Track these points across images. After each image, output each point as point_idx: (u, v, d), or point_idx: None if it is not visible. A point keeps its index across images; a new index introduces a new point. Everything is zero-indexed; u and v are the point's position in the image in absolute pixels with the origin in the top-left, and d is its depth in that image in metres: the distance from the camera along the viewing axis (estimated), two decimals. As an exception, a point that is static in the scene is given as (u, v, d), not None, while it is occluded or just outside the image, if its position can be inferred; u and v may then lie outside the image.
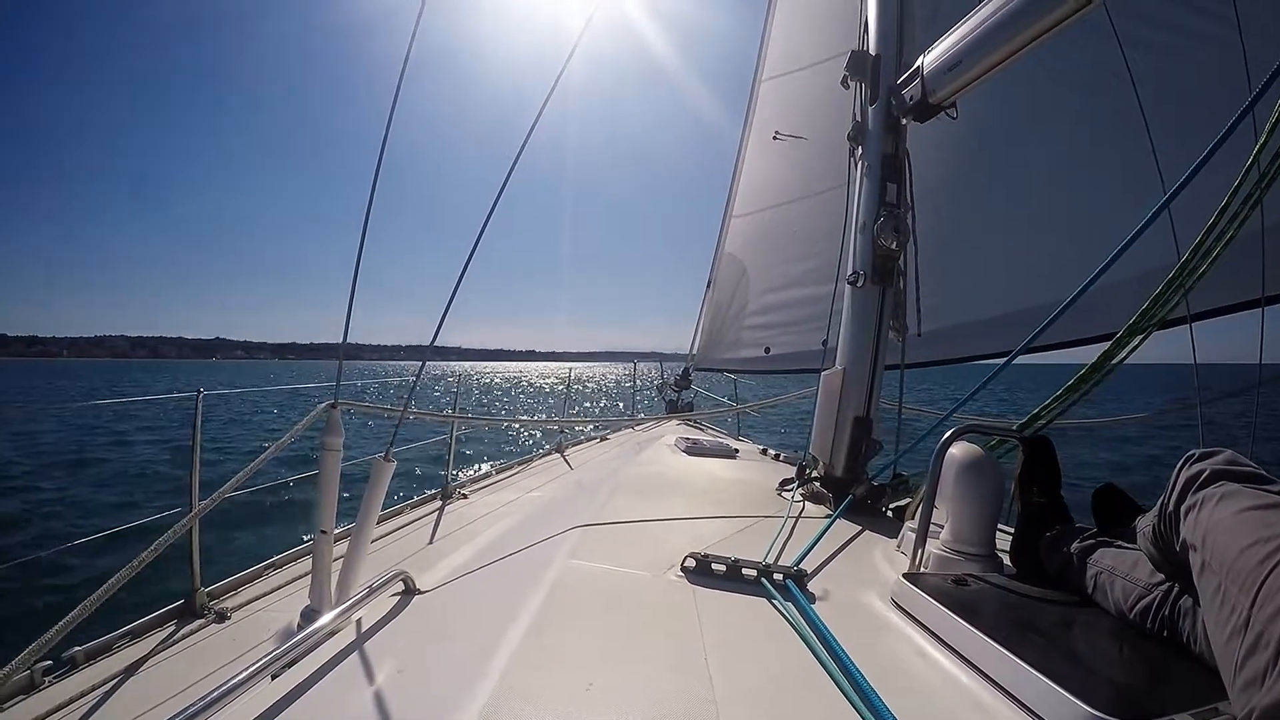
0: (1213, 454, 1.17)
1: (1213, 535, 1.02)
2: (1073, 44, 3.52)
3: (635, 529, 2.19)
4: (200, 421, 2.71)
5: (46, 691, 2.03)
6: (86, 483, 11.23)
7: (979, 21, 2.25)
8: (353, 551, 2.01)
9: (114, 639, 2.32)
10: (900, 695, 1.10)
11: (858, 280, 2.76)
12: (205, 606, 2.56)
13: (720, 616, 1.47)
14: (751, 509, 2.54)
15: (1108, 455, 14.41)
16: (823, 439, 2.81)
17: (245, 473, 2.27)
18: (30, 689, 2.02)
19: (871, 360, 2.75)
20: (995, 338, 4.26)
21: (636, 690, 1.14)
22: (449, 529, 3.66)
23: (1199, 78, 3.17)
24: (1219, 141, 1.52)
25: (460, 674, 1.20)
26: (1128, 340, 2.00)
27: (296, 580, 2.85)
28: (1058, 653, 1.18)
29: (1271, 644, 0.79)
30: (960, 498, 1.78)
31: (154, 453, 15.01)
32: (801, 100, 5.78)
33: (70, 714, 1.95)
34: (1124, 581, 1.34)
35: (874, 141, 2.83)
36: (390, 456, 2.09)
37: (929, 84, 2.50)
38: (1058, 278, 3.51)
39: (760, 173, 6.51)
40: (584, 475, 4.64)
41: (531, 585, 1.63)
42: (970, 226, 4.45)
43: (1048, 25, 2.02)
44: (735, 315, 6.61)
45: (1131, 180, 3.26)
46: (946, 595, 1.44)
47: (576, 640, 1.33)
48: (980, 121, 4.04)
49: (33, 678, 2.03)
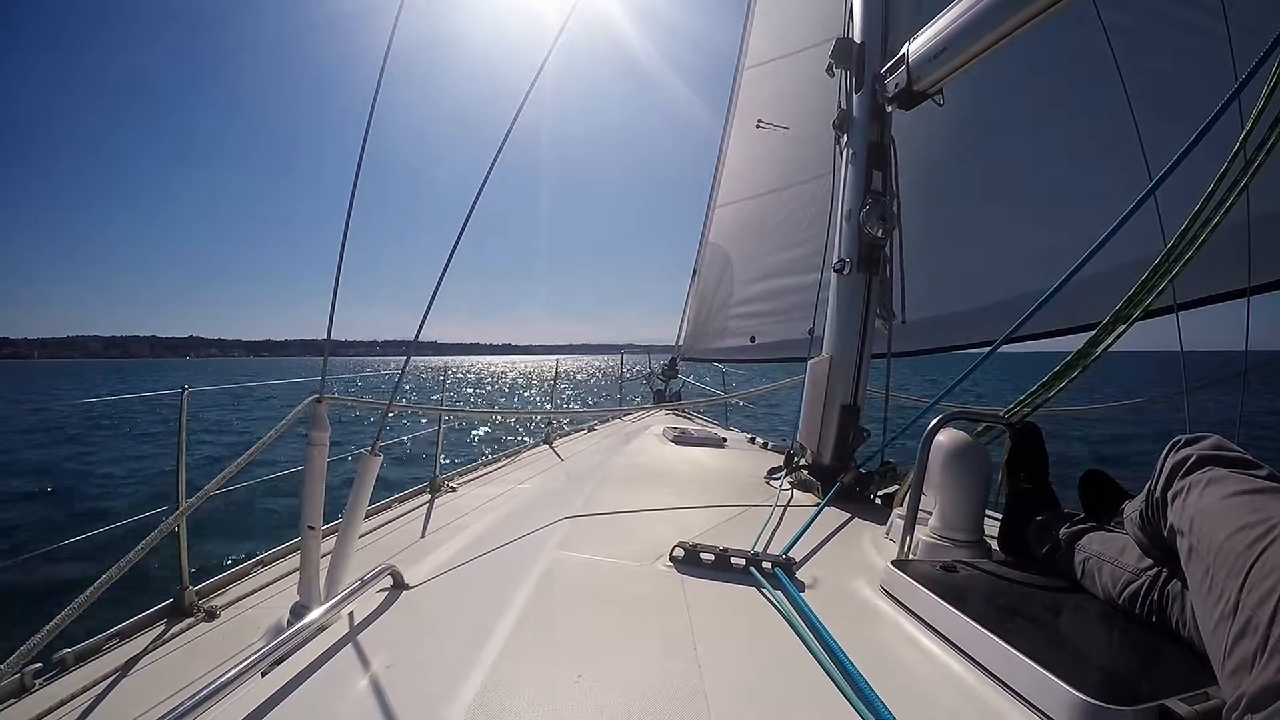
0: (1199, 439, 1.18)
1: (1200, 520, 1.03)
2: (1058, 32, 3.53)
3: (623, 519, 2.19)
4: (185, 419, 2.68)
5: (38, 694, 2.01)
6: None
7: (964, 8, 2.24)
8: (341, 547, 2.00)
9: (104, 640, 2.30)
10: (890, 682, 1.11)
11: (844, 268, 2.76)
12: (194, 605, 2.54)
13: (709, 606, 1.47)
14: (740, 498, 2.55)
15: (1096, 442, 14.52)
16: (810, 427, 2.82)
17: (231, 470, 2.25)
18: (21, 692, 2.00)
19: (858, 348, 2.75)
20: (982, 327, 4.27)
21: (626, 681, 1.14)
22: (437, 523, 3.64)
23: (1184, 66, 3.18)
24: (1204, 129, 1.53)
25: (450, 667, 1.20)
26: (1113, 328, 2.00)
27: (285, 577, 2.83)
28: (1047, 638, 1.19)
29: (1260, 628, 0.80)
30: (948, 484, 1.79)
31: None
32: (785, 88, 5.75)
33: (62, 716, 1.93)
34: (1112, 567, 1.35)
35: (859, 129, 2.82)
36: (377, 451, 2.07)
37: (914, 71, 2.50)
38: (1045, 267, 3.52)
39: (744, 161, 6.47)
40: (572, 466, 4.63)
41: (520, 577, 1.63)
42: (957, 215, 4.45)
43: (1033, 13, 2.02)
44: (721, 305, 6.59)
45: (1118, 169, 3.28)
46: (935, 582, 1.45)
47: (565, 631, 1.33)
48: (967, 109, 4.04)
49: (23, 680, 2.01)
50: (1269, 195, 2.12)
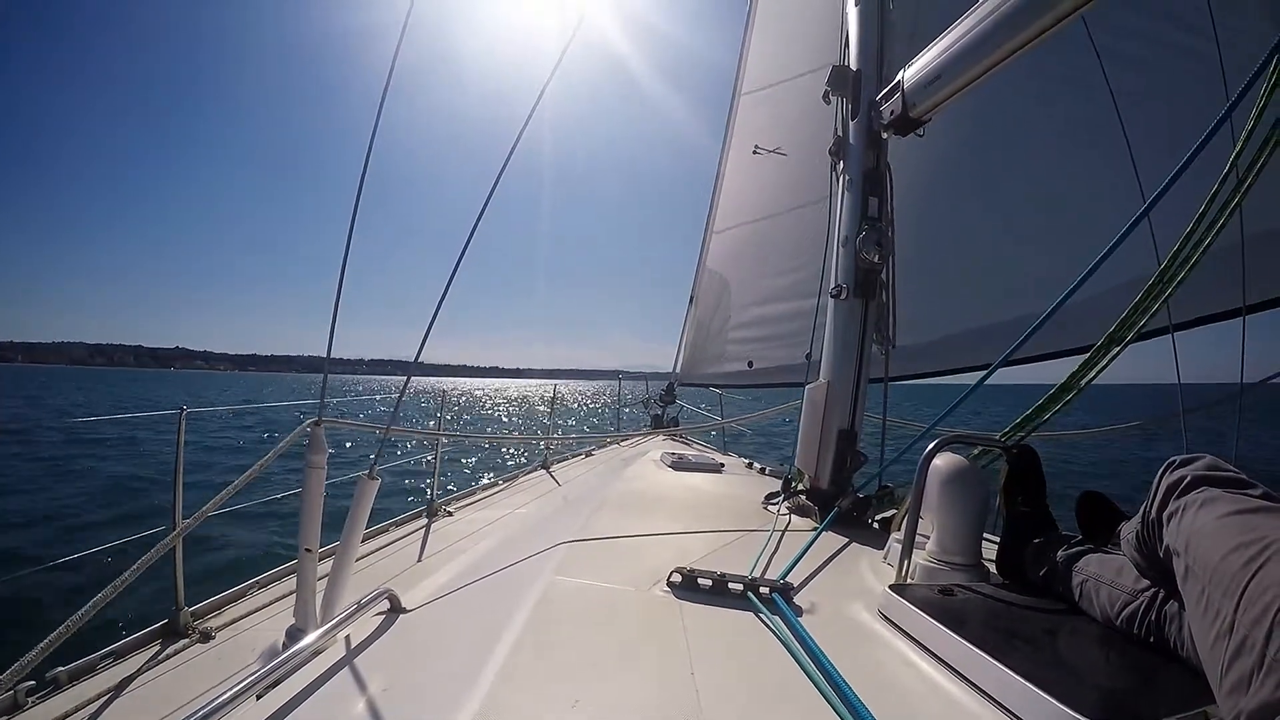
0: (1193, 460, 1.19)
1: (1195, 541, 1.03)
2: (1052, 57, 3.58)
3: (621, 544, 2.18)
4: (183, 440, 2.68)
5: (30, 712, 1.99)
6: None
7: (958, 36, 2.28)
8: (337, 570, 1.99)
9: (97, 659, 2.28)
10: (888, 707, 1.10)
11: (840, 294, 2.77)
12: (189, 626, 2.52)
13: (706, 631, 1.47)
14: (737, 523, 2.54)
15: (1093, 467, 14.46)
16: (808, 452, 2.81)
17: (229, 491, 2.25)
18: (14, 710, 1.99)
19: (855, 373, 2.76)
20: (979, 351, 4.29)
21: (622, 706, 1.13)
22: (434, 547, 3.62)
23: (1177, 89, 3.23)
24: (1196, 150, 1.55)
25: (446, 692, 1.19)
26: (1108, 349, 2.01)
27: (281, 599, 2.81)
28: (1045, 660, 1.18)
29: (1256, 647, 0.80)
30: (945, 508, 1.78)
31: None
32: (782, 114, 5.82)
33: None
34: (1109, 588, 1.35)
35: (855, 156, 2.85)
36: (375, 474, 2.07)
37: (909, 98, 2.53)
38: (1040, 290, 3.54)
39: (741, 187, 6.53)
40: (570, 491, 4.62)
41: (517, 602, 1.62)
42: (952, 240, 4.49)
43: (1026, 39, 2.06)
44: (718, 330, 6.62)
45: (1112, 192, 3.31)
46: (933, 606, 1.44)
47: (562, 657, 1.32)
48: (962, 135, 4.09)
49: (16, 698, 1.99)
50: (1262, 215, 2.14)
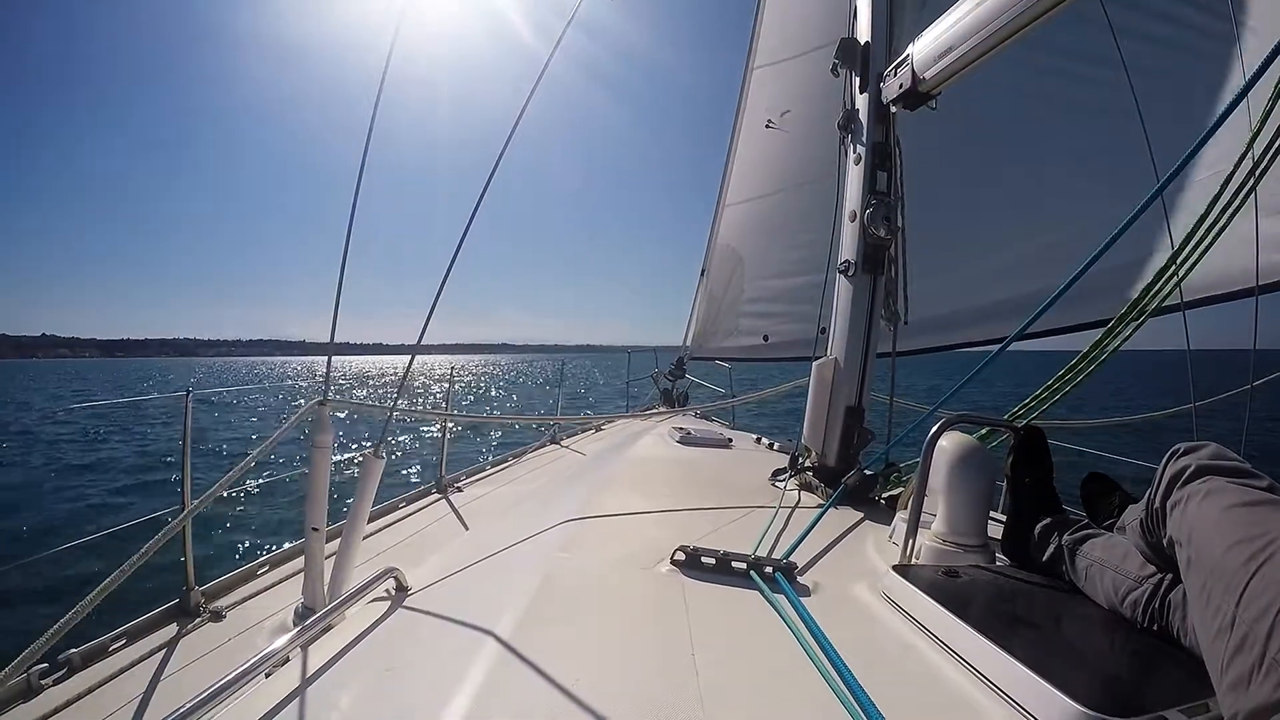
0: (1198, 448, 1.17)
1: (1198, 533, 1.02)
2: (1065, 32, 3.51)
3: (626, 522, 2.19)
4: (190, 422, 2.69)
5: (45, 695, 2.02)
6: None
7: (968, 8, 2.22)
8: (345, 549, 2.01)
9: (110, 640, 2.30)
10: (888, 690, 1.10)
11: (848, 269, 2.75)
12: (200, 606, 2.55)
13: (709, 610, 1.47)
14: (744, 499, 2.54)
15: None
16: (815, 428, 2.81)
17: (235, 472, 2.25)
18: (29, 693, 2.01)
19: (863, 349, 2.75)
20: (990, 325, 4.25)
21: (623, 685, 1.14)
22: (442, 524, 3.64)
23: (1193, 67, 3.16)
24: (1212, 129, 1.51)
25: (451, 671, 1.20)
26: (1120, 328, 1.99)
27: (290, 579, 2.84)
28: (1047, 647, 1.18)
29: (1257, 644, 0.79)
30: (951, 488, 1.78)
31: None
32: (794, 88, 5.74)
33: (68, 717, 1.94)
34: (1114, 574, 1.34)
35: (864, 130, 2.81)
36: (381, 453, 2.08)
37: (919, 71, 2.48)
38: (1052, 266, 3.50)
39: (753, 161, 6.45)
40: (578, 466, 4.63)
41: (522, 580, 1.63)
42: (964, 215, 4.43)
43: (1038, 12, 1.99)
44: (731, 304, 6.58)
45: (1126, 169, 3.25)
46: (936, 588, 1.44)
47: (566, 635, 1.33)
48: (974, 109, 4.02)
49: (29, 682, 2.02)
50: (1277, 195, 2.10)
